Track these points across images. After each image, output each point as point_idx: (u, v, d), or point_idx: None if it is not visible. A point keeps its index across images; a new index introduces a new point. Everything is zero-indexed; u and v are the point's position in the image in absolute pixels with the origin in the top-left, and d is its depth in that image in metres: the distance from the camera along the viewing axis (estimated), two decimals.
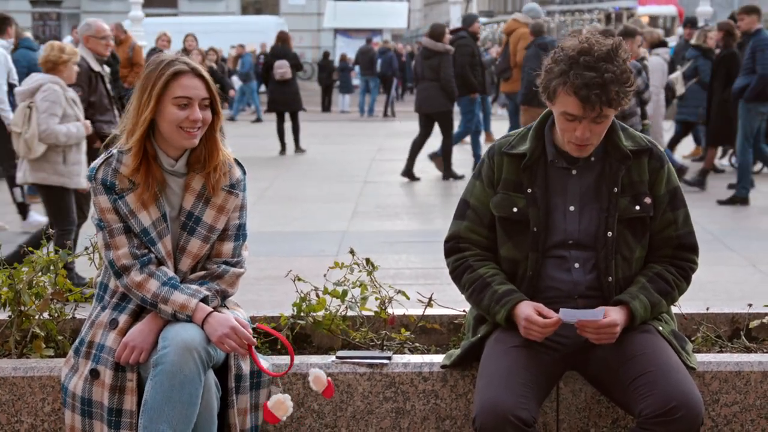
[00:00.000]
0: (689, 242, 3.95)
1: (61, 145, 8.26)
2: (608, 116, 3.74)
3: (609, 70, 3.67)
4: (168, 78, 3.83)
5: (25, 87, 8.42)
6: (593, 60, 3.68)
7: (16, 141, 8.33)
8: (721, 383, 4.02)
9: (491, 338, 3.88)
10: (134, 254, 3.85)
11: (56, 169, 8.30)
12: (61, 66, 8.29)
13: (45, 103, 8.18)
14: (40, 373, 4.06)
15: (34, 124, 8.17)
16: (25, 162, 8.37)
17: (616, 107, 3.71)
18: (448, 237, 4.01)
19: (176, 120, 3.83)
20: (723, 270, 9.22)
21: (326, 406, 4.06)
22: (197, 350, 3.70)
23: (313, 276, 4.68)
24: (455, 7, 28.77)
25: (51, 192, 8.35)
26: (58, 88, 8.26)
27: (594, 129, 3.74)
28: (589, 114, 3.70)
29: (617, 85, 3.68)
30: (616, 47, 3.73)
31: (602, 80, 3.66)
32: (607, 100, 3.67)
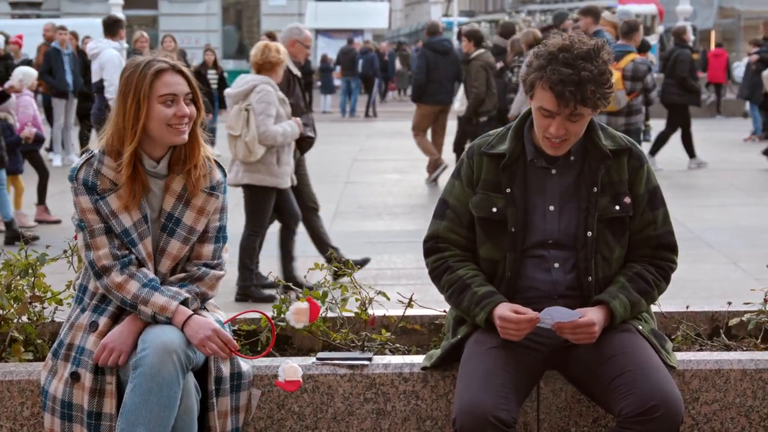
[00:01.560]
0: (668, 242, 3.95)
1: (278, 145, 8.22)
2: (584, 115, 3.74)
3: (587, 68, 3.68)
4: (151, 78, 3.82)
5: (236, 89, 8.32)
6: (572, 57, 3.69)
7: (233, 144, 8.25)
8: (701, 381, 4.03)
9: (471, 339, 3.88)
10: (115, 255, 3.84)
11: (271, 170, 8.29)
12: (276, 67, 8.25)
13: (261, 105, 8.12)
14: (19, 377, 4.04)
15: (253, 127, 8.11)
16: (237, 164, 8.32)
17: (591, 106, 3.72)
18: (428, 237, 4.01)
19: (165, 118, 3.82)
20: (703, 268, 9.25)
21: (307, 408, 4.05)
22: (176, 353, 3.68)
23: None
24: (436, 7, 28.78)
25: (262, 192, 8.34)
26: (271, 88, 8.21)
27: (569, 127, 3.75)
28: (564, 110, 3.70)
29: (594, 85, 3.68)
30: (597, 48, 3.73)
31: (578, 78, 3.66)
32: (582, 98, 3.68)
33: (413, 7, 74.19)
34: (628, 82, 11.15)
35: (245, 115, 8.17)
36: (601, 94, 3.72)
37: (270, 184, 8.31)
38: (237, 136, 8.20)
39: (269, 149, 8.21)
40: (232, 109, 8.31)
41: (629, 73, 11.13)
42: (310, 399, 4.05)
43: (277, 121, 8.20)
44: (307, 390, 4.04)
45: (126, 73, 3.87)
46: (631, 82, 11.14)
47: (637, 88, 11.16)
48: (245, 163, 8.25)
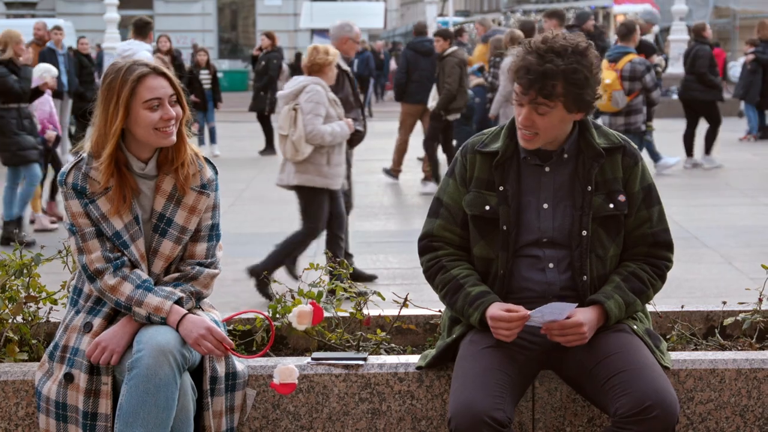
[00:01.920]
0: (664, 240, 3.95)
1: (326, 145, 8.20)
2: (551, 110, 3.74)
3: (554, 62, 3.69)
4: (133, 83, 3.81)
5: (288, 90, 8.33)
6: (544, 49, 3.71)
7: (282, 143, 8.26)
8: (696, 381, 4.03)
9: (466, 339, 3.88)
10: (107, 258, 3.84)
11: (320, 171, 8.27)
12: (325, 68, 8.24)
13: (309, 105, 8.11)
14: (14, 378, 4.04)
15: (300, 126, 8.10)
16: (288, 164, 8.32)
17: (555, 101, 3.72)
18: (422, 235, 4.01)
19: (151, 123, 3.81)
20: (699, 267, 9.26)
21: (302, 408, 4.05)
22: (172, 353, 3.68)
23: (290, 277, 4.67)
24: (431, 6, 28.80)
25: (313, 193, 8.32)
26: (321, 89, 8.19)
27: (537, 120, 3.75)
28: (525, 97, 3.72)
29: (558, 80, 3.69)
30: (578, 48, 3.73)
31: (542, 68, 3.68)
32: (540, 89, 3.70)
33: (408, 7, 74.22)
34: (626, 83, 11.21)
35: (293, 115, 8.17)
36: (571, 92, 3.71)
37: (320, 185, 8.29)
38: (285, 135, 8.20)
39: (318, 150, 8.20)
40: (283, 109, 8.33)
41: (627, 74, 11.20)
42: (305, 399, 4.04)
43: (326, 121, 8.18)
44: (303, 390, 4.04)
45: (108, 78, 3.85)
46: (629, 82, 11.20)
47: (636, 88, 11.22)
48: (295, 163, 8.24)
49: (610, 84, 11.21)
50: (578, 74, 3.71)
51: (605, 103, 11.29)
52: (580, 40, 3.78)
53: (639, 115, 11.27)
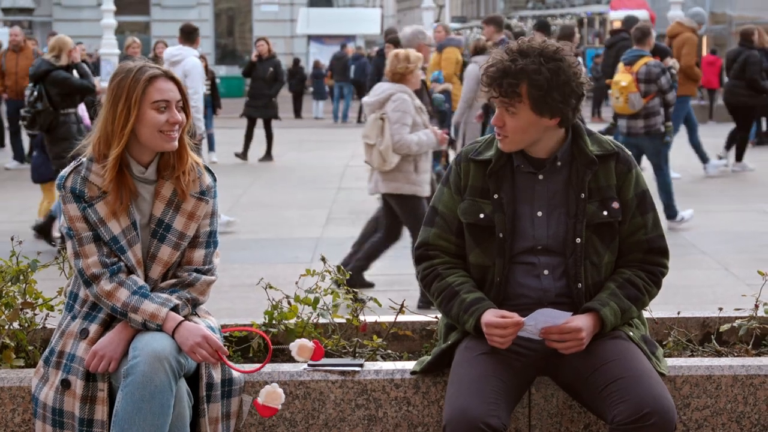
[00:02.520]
0: (659, 246, 3.95)
1: (413, 154, 8.19)
2: (516, 110, 3.75)
3: (516, 61, 3.70)
4: (145, 83, 3.82)
5: (373, 98, 8.29)
6: (511, 49, 3.75)
7: (369, 153, 8.24)
8: (692, 387, 4.03)
9: (461, 345, 3.88)
10: (104, 263, 3.84)
11: (408, 179, 8.25)
12: (408, 75, 8.22)
13: (396, 114, 8.08)
14: (10, 384, 4.03)
15: (388, 136, 8.08)
16: (376, 173, 8.32)
17: (520, 103, 3.73)
18: (418, 244, 4.01)
19: (157, 124, 3.82)
20: (695, 274, 9.26)
21: (298, 414, 4.05)
22: (168, 360, 3.68)
23: (286, 283, 4.68)
24: (428, 12, 28.83)
25: (405, 201, 8.34)
26: (407, 97, 8.17)
27: (507, 120, 3.78)
28: (493, 97, 3.77)
29: (520, 80, 3.71)
30: (548, 51, 3.74)
31: (501, 66, 3.72)
32: (499, 86, 3.73)
33: (405, 13, 74.23)
34: (642, 85, 11.39)
35: (380, 124, 8.14)
36: (532, 94, 3.72)
37: (408, 192, 8.29)
38: (372, 144, 8.17)
39: (405, 158, 8.19)
40: (369, 118, 8.29)
41: (643, 76, 11.39)
42: (301, 405, 4.04)
43: (413, 129, 8.17)
44: (299, 396, 4.04)
45: (117, 78, 3.86)
46: (645, 84, 11.38)
47: (652, 90, 11.38)
48: (383, 172, 8.24)
49: (626, 86, 11.37)
50: (539, 75, 3.71)
51: (622, 105, 11.44)
52: (553, 44, 3.78)
53: (657, 116, 11.42)
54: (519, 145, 3.83)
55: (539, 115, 3.76)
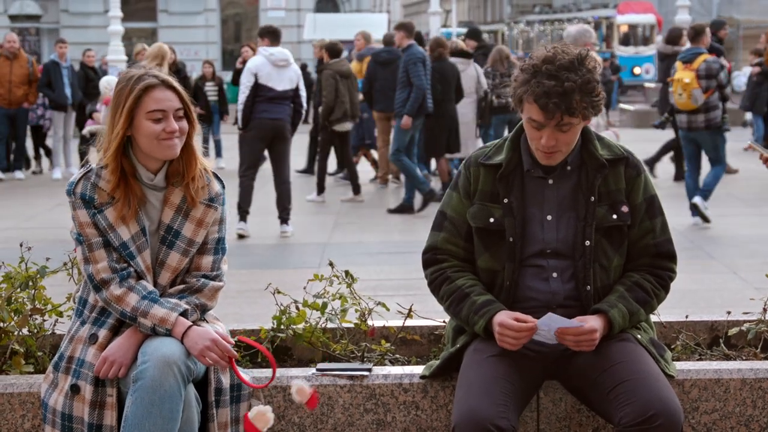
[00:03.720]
0: (667, 250, 3.96)
1: None
2: (573, 124, 3.76)
3: (570, 78, 3.70)
4: (139, 93, 3.83)
5: None
6: (555, 69, 3.71)
7: None
8: (701, 391, 4.03)
9: (470, 348, 3.88)
10: (113, 268, 3.85)
11: None
12: None
13: None
14: (20, 390, 4.05)
15: None
16: None
17: (578, 116, 3.74)
18: (426, 248, 4.02)
19: (153, 134, 3.83)
20: (703, 278, 9.25)
21: (307, 419, 4.05)
22: (177, 365, 3.69)
23: (294, 288, 4.68)
24: (434, 17, 28.83)
25: None
26: None
27: (560, 137, 3.77)
28: (550, 122, 3.73)
29: (579, 94, 3.71)
30: (581, 57, 3.75)
31: (562, 89, 3.69)
32: (567, 109, 3.70)
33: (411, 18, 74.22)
34: (703, 81, 11.64)
35: None
36: (588, 102, 3.73)
37: None
38: None
39: None
40: None
41: (703, 73, 11.64)
42: (310, 410, 4.04)
43: None
44: None
45: (118, 86, 3.89)
46: (705, 80, 11.64)
47: (712, 86, 11.62)
48: None
49: (689, 83, 11.60)
50: (591, 83, 3.74)
51: (685, 101, 11.64)
52: (578, 50, 3.80)
53: (717, 110, 11.70)
54: (565, 155, 3.85)
55: (586, 120, 3.80)
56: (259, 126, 11.55)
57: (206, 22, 41.64)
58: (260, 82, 11.50)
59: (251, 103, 11.47)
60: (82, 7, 39.84)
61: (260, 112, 11.53)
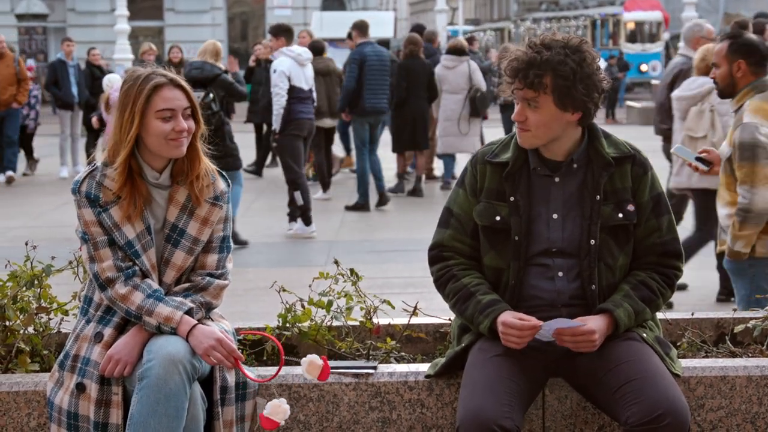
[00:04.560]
0: (674, 249, 3.95)
1: None
2: (538, 102, 3.75)
3: (542, 53, 3.70)
4: (149, 92, 3.83)
5: (690, 92, 8.22)
6: (534, 43, 3.76)
7: (693, 146, 7.98)
8: (707, 388, 4.03)
9: (475, 347, 3.88)
10: (119, 267, 3.85)
11: None
12: None
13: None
14: (26, 388, 4.05)
15: (719, 128, 7.98)
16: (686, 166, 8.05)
17: (538, 91, 3.73)
18: (432, 245, 4.01)
19: (162, 133, 3.83)
20: (709, 275, 9.23)
21: (312, 417, 4.05)
22: (182, 363, 3.69)
23: (301, 286, 4.68)
24: (441, 15, 28.84)
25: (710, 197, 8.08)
26: None
27: (529, 114, 3.78)
28: (512, 88, 3.77)
29: (545, 71, 3.71)
30: (571, 44, 3.75)
31: (525, 57, 3.72)
32: (525, 78, 3.72)
33: (418, 16, 74.20)
34: None
35: (710, 116, 8.05)
36: (557, 85, 3.72)
37: None
38: (698, 137, 8.06)
39: None
40: (689, 112, 8.22)
41: None
42: (315, 408, 4.05)
43: None
44: (313, 399, 4.04)
45: (126, 85, 3.89)
46: None
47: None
48: None
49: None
50: (565, 66, 3.72)
51: None
52: (575, 38, 3.79)
53: None
54: (540, 141, 3.83)
55: (563, 110, 3.76)
56: (298, 127, 11.68)
57: (213, 21, 41.68)
58: (292, 83, 11.55)
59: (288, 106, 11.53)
60: (88, 5, 39.90)
61: (297, 113, 11.65)
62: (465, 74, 14.69)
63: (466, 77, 14.69)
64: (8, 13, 39.83)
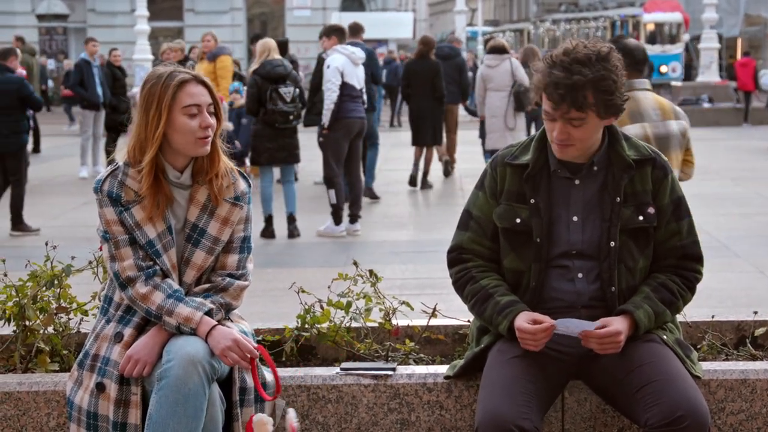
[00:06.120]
0: (694, 252, 3.93)
1: None
2: (583, 120, 3.73)
3: (581, 73, 3.68)
4: (175, 88, 3.84)
5: None
6: (569, 61, 3.70)
7: None
8: (727, 391, 4.01)
9: (494, 348, 3.87)
10: (139, 266, 3.86)
11: None
12: None
13: None
14: (45, 388, 4.07)
15: None
16: None
17: (587, 111, 3.71)
18: (451, 248, 4.01)
19: (190, 130, 3.84)
20: (729, 277, 9.21)
21: (331, 418, 4.05)
22: (201, 363, 3.70)
23: (319, 287, 4.68)
24: (460, 16, 28.83)
25: None
26: None
27: (572, 132, 3.75)
28: (557, 112, 3.72)
29: (590, 90, 3.68)
30: (602, 54, 3.73)
31: (571, 81, 3.67)
32: (573, 102, 3.68)
33: (438, 17, 74.27)
34: None
35: None
36: (602, 100, 3.71)
37: None
38: None
39: None
40: None
41: None
42: (334, 409, 4.05)
43: None
44: (331, 400, 4.05)
45: (148, 84, 3.89)
46: None
47: None
48: None
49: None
50: (606, 81, 3.71)
51: None
52: (601, 46, 3.78)
53: None
54: (582, 152, 3.83)
55: (604, 119, 3.77)
56: (348, 126, 11.68)
57: (232, 21, 41.76)
58: (345, 80, 11.57)
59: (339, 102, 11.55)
60: (108, 6, 40.04)
61: (348, 111, 11.64)
62: (508, 71, 15.06)
63: (510, 74, 15.07)
64: (29, 13, 40.01)
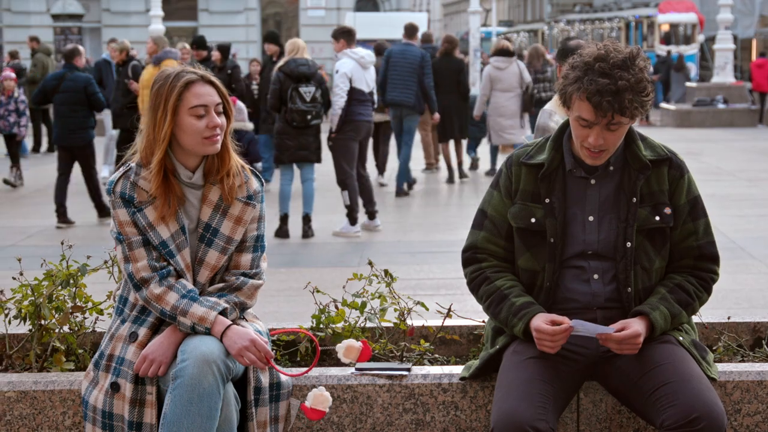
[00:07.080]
0: (710, 252, 3.92)
1: None
2: (622, 124, 3.73)
3: (623, 77, 3.66)
4: (181, 89, 3.84)
5: None
6: (608, 67, 3.68)
7: None
8: (743, 393, 4.00)
9: (509, 349, 3.87)
10: (153, 267, 3.86)
11: None
12: None
13: None
14: (61, 387, 4.07)
15: None
16: None
17: (629, 115, 3.70)
18: (466, 247, 4.00)
19: (197, 130, 3.84)
20: (745, 278, 9.18)
21: (346, 418, 4.05)
22: (216, 363, 3.70)
23: (333, 287, 4.69)
24: (474, 17, 28.81)
25: None
26: None
27: (608, 136, 3.73)
28: (602, 120, 3.69)
29: (631, 93, 3.67)
30: (633, 56, 3.72)
31: (615, 87, 3.65)
32: (620, 108, 3.67)
33: (452, 17, 74.22)
34: None
35: None
36: (639, 102, 3.70)
37: None
38: None
39: None
40: None
41: None
42: (349, 409, 4.05)
43: None
44: (346, 400, 4.04)
45: (156, 84, 3.89)
46: None
47: None
48: None
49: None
50: (642, 83, 3.71)
51: None
52: (629, 48, 3.76)
53: None
54: (612, 154, 3.83)
55: (633, 120, 3.76)
56: (356, 129, 11.77)
57: (246, 21, 41.78)
58: (353, 85, 11.61)
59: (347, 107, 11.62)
60: (123, 6, 40.09)
61: (356, 115, 11.71)
62: (516, 74, 15.57)
63: (518, 76, 15.57)
64: (44, 13, 40.09)
